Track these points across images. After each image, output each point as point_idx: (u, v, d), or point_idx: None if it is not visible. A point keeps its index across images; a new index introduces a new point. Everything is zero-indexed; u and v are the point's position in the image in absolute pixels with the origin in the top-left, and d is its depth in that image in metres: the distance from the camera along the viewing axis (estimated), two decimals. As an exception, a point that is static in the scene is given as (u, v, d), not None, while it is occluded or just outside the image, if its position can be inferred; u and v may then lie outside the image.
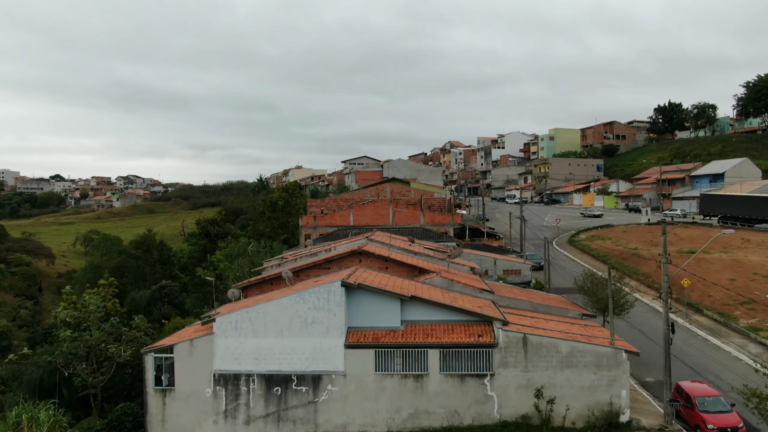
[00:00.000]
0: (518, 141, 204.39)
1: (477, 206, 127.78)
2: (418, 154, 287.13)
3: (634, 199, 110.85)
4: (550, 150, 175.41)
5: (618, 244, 70.48)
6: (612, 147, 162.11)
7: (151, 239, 69.86)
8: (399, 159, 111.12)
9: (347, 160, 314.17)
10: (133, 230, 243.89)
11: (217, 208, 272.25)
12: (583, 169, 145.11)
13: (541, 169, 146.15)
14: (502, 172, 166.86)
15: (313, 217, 57.27)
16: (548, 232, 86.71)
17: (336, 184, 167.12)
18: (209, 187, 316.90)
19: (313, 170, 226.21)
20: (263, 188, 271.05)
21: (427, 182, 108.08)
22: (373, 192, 71.53)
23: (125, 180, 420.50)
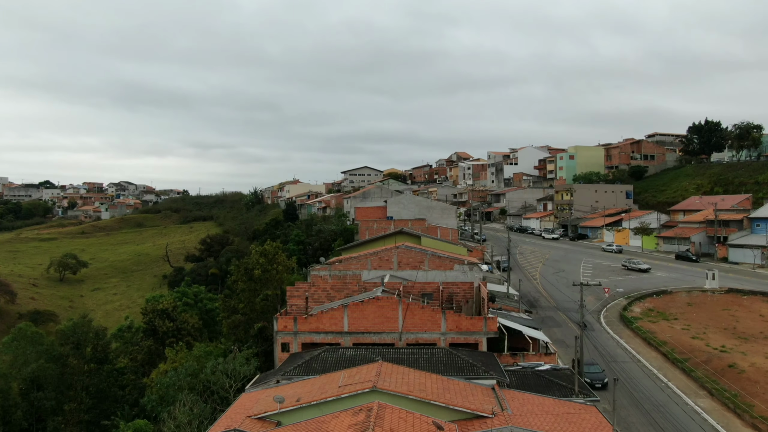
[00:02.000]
0: (532, 157, 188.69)
1: (495, 242, 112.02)
2: (422, 166, 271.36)
3: (679, 242, 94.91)
4: (569, 170, 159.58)
5: (691, 331, 54.57)
6: (640, 168, 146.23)
7: (83, 329, 53.13)
8: (406, 194, 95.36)
9: (347, 170, 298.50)
10: (118, 247, 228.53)
11: (209, 222, 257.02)
12: (610, 197, 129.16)
13: (563, 196, 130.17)
14: (517, 196, 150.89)
15: (293, 319, 41.41)
16: (588, 295, 70.88)
17: (334, 207, 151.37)
18: (202, 198, 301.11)
19: (310, 186, 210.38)
20: (258, 202, 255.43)
21: (438, 223, 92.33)
22: (375, 261, 55.63)
23: (117, 187, 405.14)
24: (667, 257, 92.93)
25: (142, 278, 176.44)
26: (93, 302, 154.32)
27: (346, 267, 55.70)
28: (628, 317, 60.72)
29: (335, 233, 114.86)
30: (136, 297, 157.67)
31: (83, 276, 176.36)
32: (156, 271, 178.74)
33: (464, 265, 55.51)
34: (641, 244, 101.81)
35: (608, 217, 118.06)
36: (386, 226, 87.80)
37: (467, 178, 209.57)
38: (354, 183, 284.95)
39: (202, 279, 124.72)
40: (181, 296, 67.18)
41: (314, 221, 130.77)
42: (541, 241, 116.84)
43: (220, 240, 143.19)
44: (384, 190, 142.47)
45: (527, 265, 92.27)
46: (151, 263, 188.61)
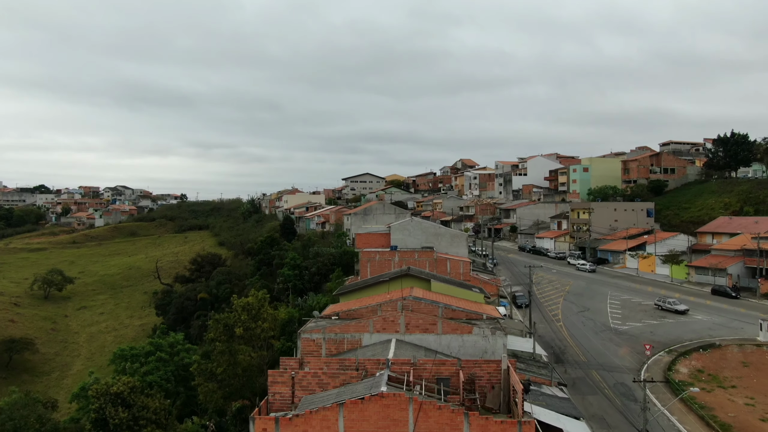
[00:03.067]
0: (542, 167, 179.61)
1: (507, 266, 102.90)
2: (426, 174, 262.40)
3: (714, 274, 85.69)
4: (584, 183, 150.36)
5: (758, 408, 45.50)
6: (660, 183, 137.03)
7: (22, 412, 43.25)
8: (411, 219, 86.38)
9: (348, 177, 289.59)
10: (109, 259, 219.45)
11: (204, 232, 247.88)
12: (630, 216, 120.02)
13: (579, 214, 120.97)
14: (529, 212, 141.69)
15: (275, 421, 32.36)
16: (622, 343, 61.82)
17: (333, 223, 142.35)
18: (199, 205, 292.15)
19: (308, 197, 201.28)
20: (255, 211, 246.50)
21: (448, 251, 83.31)
22: (378, 323, 46.53)
23: (113, 191, 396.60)
24: (701, 291, 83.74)
25: (131, 295, 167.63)
26: (77, 323, 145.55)
27: (343, 330, 46.59)
28: (675, 381, 51.57)
29: (334, 257, 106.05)
30: (123, 317, 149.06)
31: (70, 292, 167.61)
32: (146, 287, 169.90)
33: (484, 327, 46.38)
34: (669, 273, 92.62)
35: (630, 239, 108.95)
36: (390, 257, 78.84)
37: (473, 188, 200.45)
38: (355, 190, 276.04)
39: (191, 304, 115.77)
40: (154, 350, 58.17)
41: (312, 241, 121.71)
42: (559, 266, 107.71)
43: (212, 260, 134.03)
44: (387, 206, 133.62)
45: (545, 299, 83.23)
46: (142, 278, 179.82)
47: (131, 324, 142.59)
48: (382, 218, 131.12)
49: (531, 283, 72.61)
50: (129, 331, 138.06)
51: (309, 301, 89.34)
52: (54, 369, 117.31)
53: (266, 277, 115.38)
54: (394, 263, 79.36)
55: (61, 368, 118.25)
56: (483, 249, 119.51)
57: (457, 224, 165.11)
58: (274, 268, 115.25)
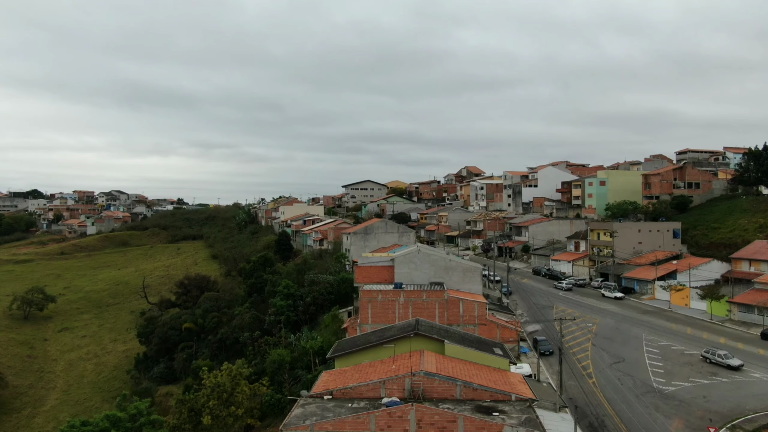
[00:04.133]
0: (554, 178, 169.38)
1: (523, 295, 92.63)
2: (430, 182, 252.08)
3: (761, 313, 75.53)
4: (600, 197, 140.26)
5: None
6: (684, 199, 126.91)
7: None
8: (418, 250, 76.42)
9: (348, 184, 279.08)
10: (97, 273, 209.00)
11: (198, 243, 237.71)
12: (655, 237, 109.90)
13: (599, 235, 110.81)
14: (542, 229, 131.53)
15: None
16: (671, 411, 51.75)
17: (332, 241, 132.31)
18: (193, 214, 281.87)
19: (306, 207, 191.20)
20: (251, 221, 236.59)
21: (460, 288, 73.40)
22: (381, 419, 36.52)
23: (108, 196, 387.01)
24: (748, 335, 73.56)
25: (117, 315, 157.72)
26: (57, 348, 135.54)
27: (337, 428, 36.54)
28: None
29: (331, 285, 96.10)
30: (107, 341, 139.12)
31: (52, 312, 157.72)
32: (133, 305, 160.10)
33: (515, 421, 36.38)
34: (707, 309, 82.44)
35: (658, 264, 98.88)
36: (394, 297, 68.96)
37: (480, 199, 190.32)
38: (355, 198, 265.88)
39: (176, 334, 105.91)
40: (110, 426, 48.11)
41: (308, 264, 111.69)
42: (581, 296, 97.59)
43: (199, 283, 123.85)
44: (389, 224, 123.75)
45: (570, 340, 73.10)
46: (130, 295, 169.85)
47: (114, 349, 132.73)
48: (384, 237, 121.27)
49: (561, 338, 62.19)
50: (111, 357, 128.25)
51: (303, 341, 79.58)
52: (26, 405, 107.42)
53: (258, 305, 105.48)
54: (399, 304, 69.42)
55: (33, 403, 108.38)
56: (494, 273, 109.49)
57: (464, 240, 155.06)
58: (267, 295, 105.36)
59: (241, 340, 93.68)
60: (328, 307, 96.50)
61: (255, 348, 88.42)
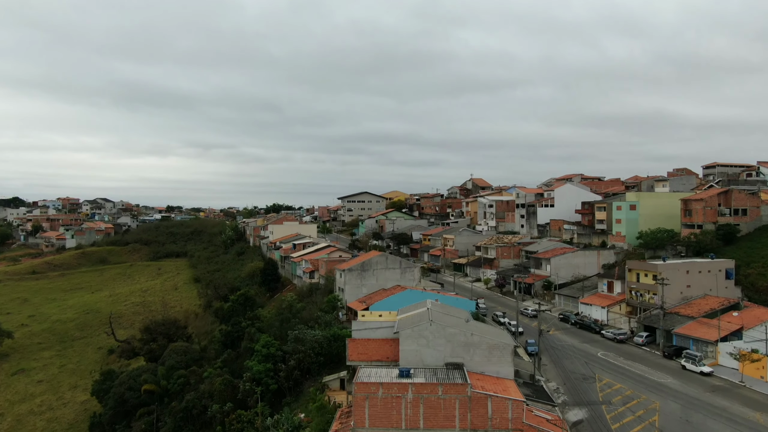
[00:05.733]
0: (572, 197, 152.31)
1: (549, 352, 75.06)
2: (433, 196, 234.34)
3: None
4: (630, 224, 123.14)
5: None
6: (731, 229, 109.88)
7: None
8: (430, 321, 59.10)
9: (345, 197, 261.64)
10: (68, 297, 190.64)
11: (181, 261, 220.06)
12: (705, 279, 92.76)
13: (639, 276, 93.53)
14: (566, 261, 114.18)
15: None
16: None
17: (324, 275, 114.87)
18: (179, 228, 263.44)
19: (297, 227, 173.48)
20: (239, 238, 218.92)
21: (484, 371, 56.25)
22: None
23: (93, 204, 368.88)
24: None
25: (82, 351, 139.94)
26: (6, 398, 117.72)
27: None
28: None
29: (320, 344, 78.69)
30: (65, 389, 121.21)
31: (9, 348, 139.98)
32: (101, 340, 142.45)
33: None
34: (794, 387, 65.14)
35: (711, 316, 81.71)
36: (400, 393, 51.50)
37: (489, 218, 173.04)
38: (352, 212, 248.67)
39: (134, 396, 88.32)
40: None
41: (293, 310, 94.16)
42: (626, 362, 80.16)
43: (167, 330, 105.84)
44: (390, 259, 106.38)
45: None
46: (99, 326, 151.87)
47: (72, 399, 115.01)
48: (384, 275, 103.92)
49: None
50: (67, 411, 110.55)
51: (281, 426, 62.28)
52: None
53: (232, 363, 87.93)
54: (407, 402, 51.89)
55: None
56: (511, 321, 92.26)
57: (474, 269, 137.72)
58: (242, 351, 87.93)
59: (209, 413, 76.31)
60: (316, 370, 79.37)
61: (225, 427, 71.34)
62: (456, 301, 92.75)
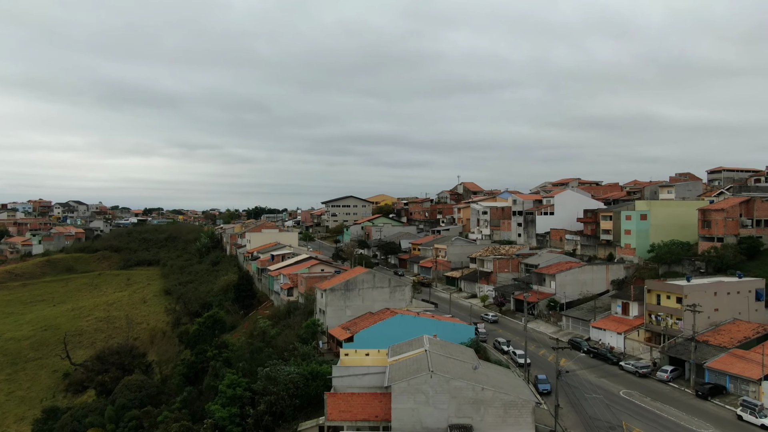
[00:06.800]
0: (573, 204, 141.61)
1: (566, 396, 63.49)
2: (422, 200, 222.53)
3: None
4: (641, 235, 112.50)
5: None
6: (754, 242, 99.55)
7: None
8: (430, 372, 47.24)
9: (329, 201, 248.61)
10: (26, 311, 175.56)
11: (152, 270, 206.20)
12: (734, 301, 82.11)
13: (659, 298, 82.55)
14: (572, 278, 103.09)
15: None
16: None
17: (303, 292, 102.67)
18: (153, 233, 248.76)
19: (278, 236, 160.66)
20: (215, 246, 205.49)
21: None
22: None
23: (65, 208, 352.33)
24: None
25: (35, 375, 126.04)
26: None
27: None
28: None
29: (295, 384, 66.28)
30: (10, 421, 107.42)
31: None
32: (57, 362, 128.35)
33: None
34: None
35: (742, 347, 71.06)
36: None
37: (482, 225, 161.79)
38: (336, 217, 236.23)
39: (78, 441, 75.40)
40: None
41: (266, 337, 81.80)
42: (654, 404, 68.86)
43: (121, 360, 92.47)
44: (378, 277, 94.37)
45: None
46: (57, 345, 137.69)
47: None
48: (371, 294, 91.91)
49: None
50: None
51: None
52: None
53: (194, 402, 75.33)
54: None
55: None
56: (516, 350, 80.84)
57: (469, 283, 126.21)
58: (205, 389, 75.36)
59: (162, 468, 63.84)
60: (291, 414, 67.09)
61: (179, 488, 59.01)
62: (453, 327, 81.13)
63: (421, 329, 76.07)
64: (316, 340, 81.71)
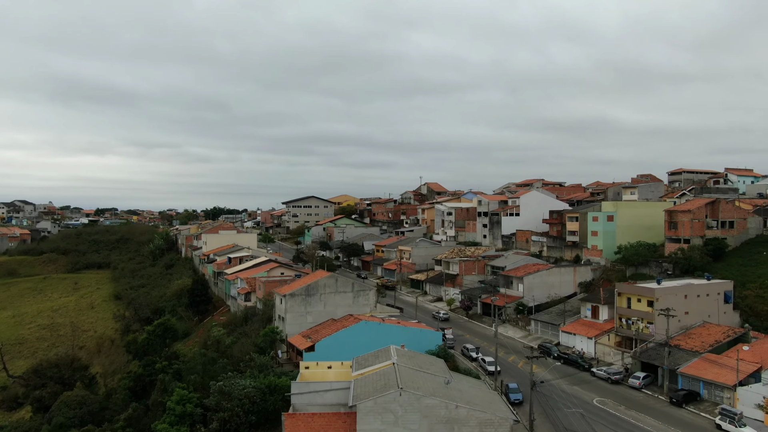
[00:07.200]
0: (539, 205, 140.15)
1: (543, 409, 60.20)
2: (386, 201, 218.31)
3: None
4: (608, 236, 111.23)
5: None
6: (720, 243, 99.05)
7: None
8: (400, 390, 42.83)
9: (290, 201, 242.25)
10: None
11: (103, 274, 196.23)
12: (703, 304, 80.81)
13: (630, 301, 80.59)
14: (540, 280, 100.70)
15: None
16: None
17: (261, 298, 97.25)
18: (104, 235, 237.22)
19: (235, 237, 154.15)
20: (170, 248, 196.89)
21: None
22: None
23: (10, 207, 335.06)
24: None
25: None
26: None
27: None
28: None
29: (251, 400, 61.21)
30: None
31: None
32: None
33: None
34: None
35: (714, 351, 69.59)
36: None
37: (447, 227, 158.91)
38: (297, 217, 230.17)
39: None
40: None
41: (221, 347, 76.28)
42: (629, 412, 66.35)
43: (60, 374, 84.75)
44: (340, 282, 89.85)
45: None
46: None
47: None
48: (333, 300, 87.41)
49: None
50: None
51: None
52: None
53: (140, 420, 69.28)
54: None
55: None
56: (486, 357, 77.60)
57: (435, 286, 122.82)
58: (152, 406, 69.42)
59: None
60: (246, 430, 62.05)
61: None
62: (420, 334, 77.49)
63: (386, 336, 72.08)
64: (274, 350, 76.69)
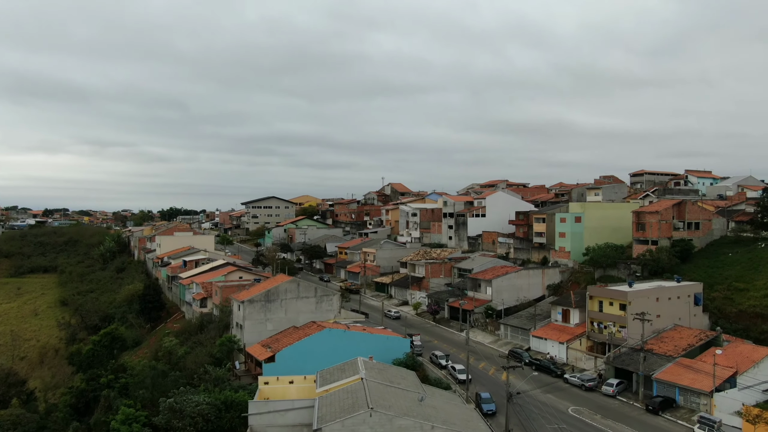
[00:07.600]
0: (505, 206, 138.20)
1: (519, 419, 57.25)
2: (349, 201, 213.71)
3: None
4: (575, 238, 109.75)
5: None
6: (687, 245, 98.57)
7: None
8: (370, 411, 38.55)
9: (250, 201, 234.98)
10: None
11: (49, 278, 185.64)
12: (675, 306, 79.52)
13: (602, 305, 78.59)
14: (508, 283, 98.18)
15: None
16: None
17: (218, 304, 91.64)
18: (52, 237, 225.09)
19: (191, 239, 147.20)
20: (122, 251, 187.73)
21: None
22: None
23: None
24: None
25: None
26: None
27: None
28: None
29: (205, 418, 56.12)
30: None
31: None
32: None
33: None
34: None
35: (687, 355, 68.20)
36: None
37: (412, 228, 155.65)
38: (257, 219, 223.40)
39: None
40: None
41: (173, 358, 70.69)
42: (605, 421, 63.91)
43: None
44: (302, 287, 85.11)
45: None
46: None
47: None
48: (295, 306, 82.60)
49: None
50: None
51: None
52: None
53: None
54: None
55: None
56: (456, 365, 74.31)
57: (401, 290, 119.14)
58: (93, 427, 63.47)
59: None
60: (200, 452, 56.88)
61: None
62: (387, 341, 73.53)
63: (351, 345, 68.02)
64: (231, 360, 71.60)
